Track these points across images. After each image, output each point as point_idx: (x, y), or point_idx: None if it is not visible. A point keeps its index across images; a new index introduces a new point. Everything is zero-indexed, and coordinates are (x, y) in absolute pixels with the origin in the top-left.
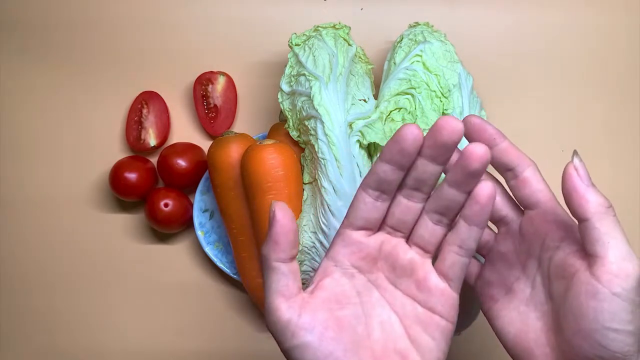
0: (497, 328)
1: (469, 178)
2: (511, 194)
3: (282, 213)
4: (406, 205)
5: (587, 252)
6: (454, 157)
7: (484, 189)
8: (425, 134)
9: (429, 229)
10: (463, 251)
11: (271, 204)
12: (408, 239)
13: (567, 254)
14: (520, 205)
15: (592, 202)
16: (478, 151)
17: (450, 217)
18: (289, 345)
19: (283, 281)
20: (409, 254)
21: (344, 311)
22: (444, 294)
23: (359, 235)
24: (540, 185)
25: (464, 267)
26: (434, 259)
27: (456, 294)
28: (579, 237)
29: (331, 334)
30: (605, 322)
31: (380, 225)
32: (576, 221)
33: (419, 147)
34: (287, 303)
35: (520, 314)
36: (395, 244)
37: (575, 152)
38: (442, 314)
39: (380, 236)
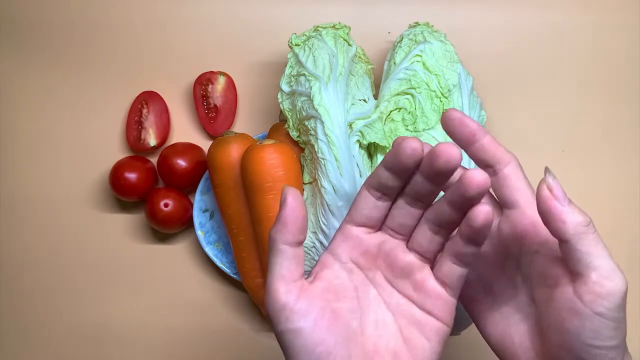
0: (481, 329)
1: (466, 201)
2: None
3: (293, 197)
4: (407, 210)
5: (570, 270)
6: (457, 173)
7: (480, 214)
8: (425, 143)
9: (428, 237)
10: (460, 262)
11: (283, 188)
12: (407, 243)
13: (547, 261)
14: (500, 203)
15: (569, 223)
16: (477, 178)
17: (448, 230)
18: (282, 329)
19: (286, 264)
20: (408, 256)
21: (341, 304)
22: (441, 298)
23: (359, 232)
24: (519, 184)
25: (462, 276)
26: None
27: (454, 299)
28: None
29: (325, 323)
30: (587, 340)
31: (381, 226)
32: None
33: (418, 161)
34: (287, 286)
35: (503, 316)
36: (395, 245)
37: (547, 170)
38: (439, 317)
39: (381, 236)
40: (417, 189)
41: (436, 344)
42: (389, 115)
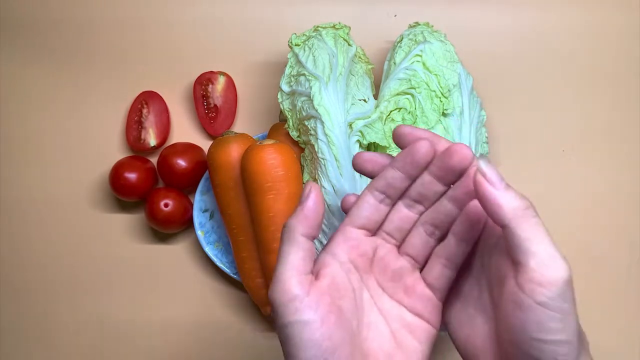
0: (449, 331)
1: (470, 198)
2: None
3: (317, 194)
4: (406, 215)
5: (512, 259)
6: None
7: (477, 206)
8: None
9: (423, 240)
10: (450, 264)
11: (306, 184)
12: (400, 247)
13: (499, 257)
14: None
15: (505, 206)
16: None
17: (443, 231)
18: (290, 320)
19: (301, 254)
20: (400, 261)
21: (343, 302)
22: (431, 302)
23: (358, 233)
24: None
25: (450, 280)
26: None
27: (441, 302)
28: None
29: (333, 318)
30: (532, 334)
31: (377, 230)
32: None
33: (430, 161)
34: (299, 278)
35: (469, 317)
36: (388, 249)
37: (480, 156)
38: (428, 320)
39: (377, 240)
40: (423, 190)
41: (426, 346)
42: (389, 115)
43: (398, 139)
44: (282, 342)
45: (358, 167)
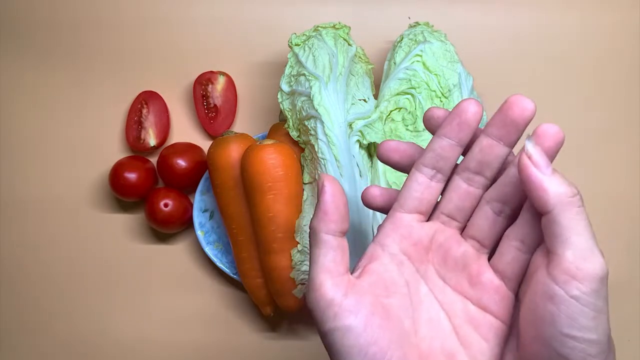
0: None
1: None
2: None
3: (331, 184)
4: (466, 191)
5: (547, 249)
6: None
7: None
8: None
9: (490, 220)
10: (525, 247)
11: (319, 177)
12: (463, 230)
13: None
14: None
15: (551, 192)
16: (552, 129)
17: (514, 208)
18: (330, 327)
19: (331, 255)
20: (462, 246)
21: (392, 300)
22: (499, 292)
23: (410, 219)
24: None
25: (525, 264)
26: (491, 254)
27: (512, 293)
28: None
29: (378, 320)
30: (563, 328)
31: (433, 214)
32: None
33: (479, 120)
34: (333, 280)
35: None
36: (449, 235)
37: (529, 136)
38: (496, 314)
39: (434, 225)
40: (483, 156)
41: (495, 345)
42: (389, 115)
43: (429, 121)
44: (327, 350)
45: (384, 157)
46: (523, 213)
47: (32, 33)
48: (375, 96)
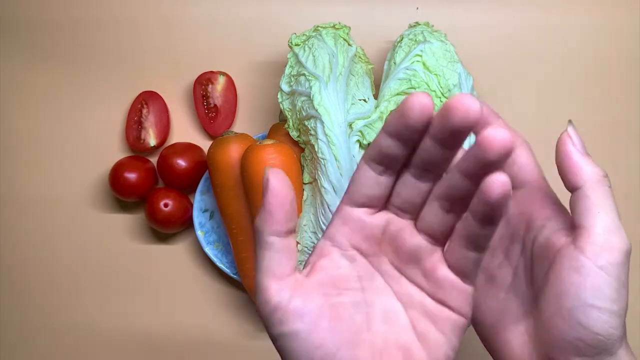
0: (474, 317)
1: (484, 169)
2: None
3: (277, 180)
4: (414, 185)
5: (574, 224)
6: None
7: (495, 184)
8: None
9: (438, 216)
10: (473, 246)
11: (264, 170)
12: (416, 222)
13: (551, 233)
14: None
15: (585, 169)
16: (499, 137)
17: (462, 206)
18: (277, 332)
19: (276, 258)
20: (416, 239)
21: (342, 297)
22: (456, 287)
23: (360, 213)
24: (529, 163)
25: (477, 261)
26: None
27: (470, 286)
28: (566, 217)
29: (325, 323)
30: (587, 299)
31: (385, 204)
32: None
33: (428, 120)
34: (278, 284)
35: (500, 303)
36: (402, 226)
37: (570, 122)
38: (454, 308)
39: (385, 215)
40: (426, 156)
41: (452, 338)
42: (389, 115)
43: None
44: (279, 354)
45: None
46: (468, 214)
47: (32, 33)
48: (375, 96)
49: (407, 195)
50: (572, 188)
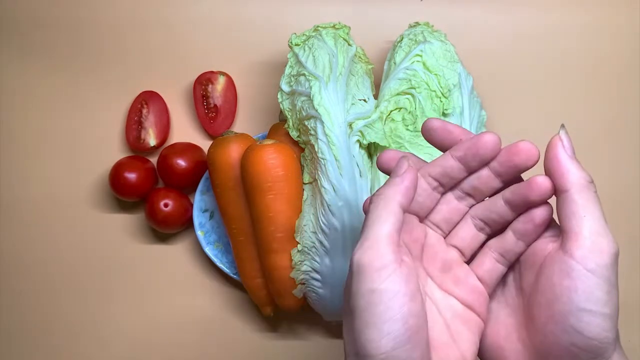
0: None
1: (527, 205)
2: None
3: (413, 166)
4: (455, 206)
5: (562, 228)
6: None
7: (542, 213)
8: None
9: (472, 233)
10: (503, 260)
11: (401, 158)
12: (446, 238)
13: (539, 239)
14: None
15: (573, 173)
16: (545, 184)
17: (494, 229)
18: (378, 287)
19: (397, 226)
20: (450, 250)
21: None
22: (482, 295)
23: (412, 218)
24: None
25: (501, 275)
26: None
27: (489, 297)
28: (552, 223)
29: (419, 298)
30: (579, 303)
31: (423, 219)
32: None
33: (494, 156)
34: (393, 247)
35: (491, 313)
36: (437, 239)
37: (562, 126)
38: (478, 312)
39: (425, 227)
40: (477, 183)
41: (477, 337)
42: (389, 115)
43: (428, 133)
44: (359, 310)
45: (384, 167)
46: (509, 231)
47: (32, 33)
48: (375, 96)
49: (447, 213)
50: (559, 191)
